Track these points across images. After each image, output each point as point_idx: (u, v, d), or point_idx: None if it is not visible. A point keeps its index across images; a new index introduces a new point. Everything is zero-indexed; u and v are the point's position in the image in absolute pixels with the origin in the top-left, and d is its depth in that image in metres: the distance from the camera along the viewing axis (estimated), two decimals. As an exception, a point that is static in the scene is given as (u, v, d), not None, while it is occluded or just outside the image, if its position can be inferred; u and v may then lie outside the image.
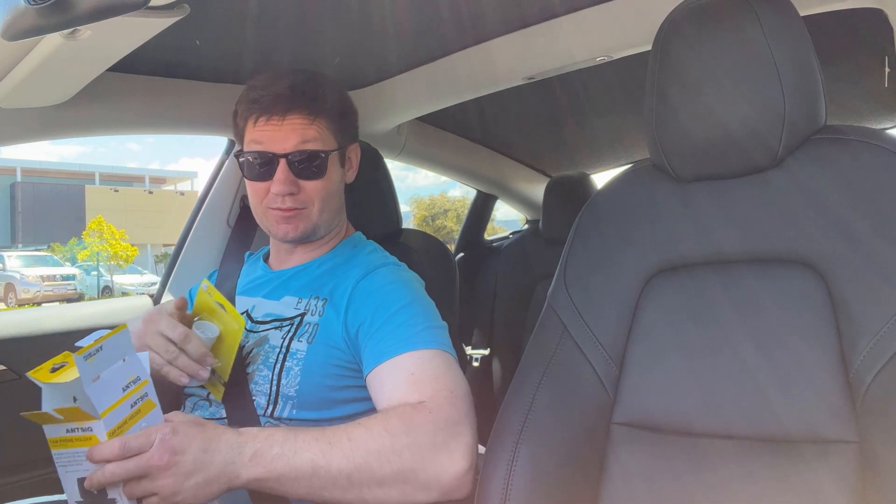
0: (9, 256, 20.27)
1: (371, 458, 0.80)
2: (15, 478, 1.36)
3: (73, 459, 0.76)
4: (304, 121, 1.04)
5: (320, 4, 1.16)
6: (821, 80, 0.82)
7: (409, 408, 0.85)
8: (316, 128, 1.05)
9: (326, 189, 1.07)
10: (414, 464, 0.81)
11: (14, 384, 1.35)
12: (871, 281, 0.74)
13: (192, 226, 1.70)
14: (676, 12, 0.87)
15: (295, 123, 1.04)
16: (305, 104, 1.04)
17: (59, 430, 0.75)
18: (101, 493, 0.75)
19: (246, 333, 1.07)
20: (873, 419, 0.71)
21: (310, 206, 1.07)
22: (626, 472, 0.85)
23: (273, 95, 1.03)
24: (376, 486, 0.81)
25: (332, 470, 0.79)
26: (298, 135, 1.04)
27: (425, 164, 2.25)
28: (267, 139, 1.04)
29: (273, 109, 1.03)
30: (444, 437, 0.83)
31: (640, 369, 0.87)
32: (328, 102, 1.08)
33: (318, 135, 1.05)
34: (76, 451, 0.75)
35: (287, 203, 1.05)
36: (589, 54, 1.33)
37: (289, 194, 1.04)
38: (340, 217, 1.16)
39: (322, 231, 1.11)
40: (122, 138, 71.87)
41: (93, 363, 0.75)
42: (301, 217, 1.07)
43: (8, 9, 0.65)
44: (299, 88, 1.05)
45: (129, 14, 0.67)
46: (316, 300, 1.05)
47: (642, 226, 0.91)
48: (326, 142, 1.07)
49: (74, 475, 0.76)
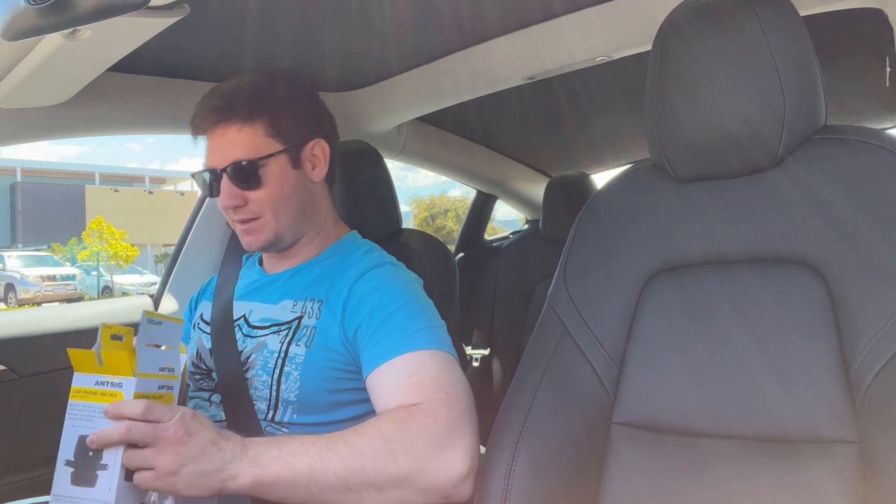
0: (9, 256, 20.26)
1: (367, 462, 0.80)
2: (15, 478, 1.36)
3: (86, 414, 0.77)
4: (236, 128, 1.02)
5: (320, 4, 1.16)
6: (821, 80, 0.82)
7: (405, 411, 0.85)
8: (248, 135, 1.02)
9: (273, 195, 1.04)
10: (410, 468, 0.81)
11: (14, 384, 1.35)
12: (871, 281, 0.74)
13: (192, 226, 1.69)
14: (676, 12, 0.87)
15: (225, 135, 1.03)
16: (236, 112, 1.02)
17: (89, 381, 0.78)
18: (95, 456, 0.76)
19: (244, 339, 1.06)
20: (873, 419, 0.71)
21: (262, 216, 1.05)
22: (626, 472, 0.85)
23: (208, 108, 1.03)
24: (374, 490, 0.80)
25: (329, 474, 0.79)
26: (230, 147, 1.02)
27: (425, 164, 2.25)
28: (208, 155, 1.05)
29: (205, 124, 1.04)
30: (441, 440, 0.83)
31: (640, 369, 0.87)
32: (267, 104, 1.04)
33: (250, 143, 1.02)
34: (94, 405, 0.77)
35: (239, 215, 1.05)
36: (589, 54, 1.33)
37: (235, 207, 1.03)
38: (314, 219, 1.12)
39: (288, 237, 1.09)
40: (122, 138, 71.89)
41: (151, 330, 0.81)
42: (258, 227, 1.05)
43: (8, 9, 0.65)
44: (234, 96, 1.03)
45: (129, 14, 0.67)
46: (312, 302, 1.04)
47: (642, 226, 0.91)
48: (262, 147, 1.02)
49: (79, 430, 0.77)
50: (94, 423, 0.76)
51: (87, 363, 0.79)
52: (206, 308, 1.17)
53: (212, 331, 1.10)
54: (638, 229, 0.92)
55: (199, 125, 1.05)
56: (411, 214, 28.31)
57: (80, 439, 0.76)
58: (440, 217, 27.61)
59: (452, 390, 0.88)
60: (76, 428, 0.77)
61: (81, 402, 0.78)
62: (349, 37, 1.33)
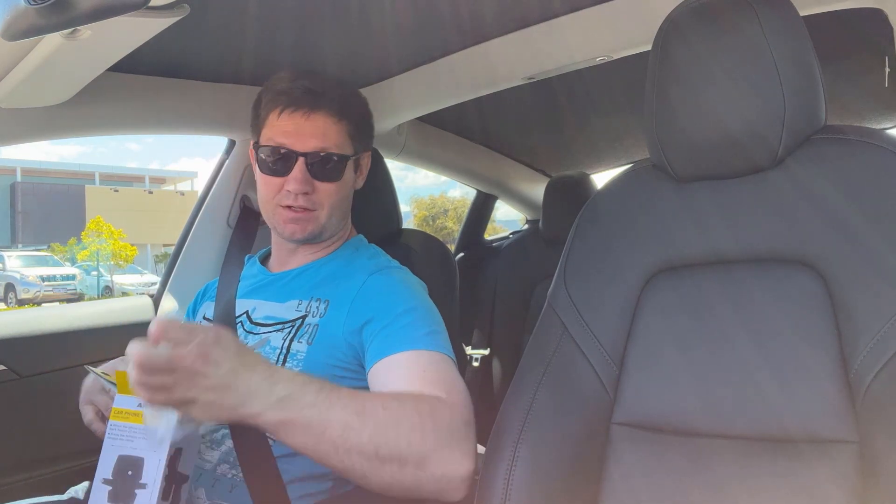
0: (9, 256, 20.25)
1: (401, 433, 0.78)
2: (15, 478, 1.36)
3: (128, 434, 0.79)
4: (330, 121, 1.05)
5: (320, 4, 1.16)
6: (821, 80, 0.82)
7: (434, 398, 0.85)
8: (339, 130, 1.06)
9: (339, 193, 1.08)
10: (435, 454, 0.80)
11: (14, 384, 1.36)
12: (871, 281, 0.74)
13: (192, 226, 1.70)
14: (676, 12, 0.87)
15: (320, 122, 1.04)
16: (333, 104, 1.05)
17: (132, 402, 0.80)
18: (134, 475, 0.77)
19: (245, 335, 1.07)
20: (873, 419, 0.71)
21: (320, 209, 1.06)
22: (626, 472, 0.85)
23: (303, 89, 1.03)
24: (398, 464, 0.78)
25: (364, 437, 0.76)
26: (321, 134, 1.04)
27: (425, 164, 2.25)
28: (290, 133, 1.03)
29: (301, 103, 1.03)
30: (458, 435, 0.83)
31: (639, 369, 0.87)
32: (353, 107, 1.09)
33: (339, 138, 1.06)
34: (136, 426, 0.79)
35: (300, 202, 1.05)
36: (589, 54, 1.33)
37: (303, 193, 1.04)
38: (347, 221, 1.17)
39: (328, 234, 1.11)
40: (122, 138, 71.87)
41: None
42: (310, 219, 1.07)
43: (8, 9, 0.66)
44: (328, 88, 1.05)
45: (129, 14, 0.68)
46: (318, 302, 1.04)
47: (642, 226, 0.91)
48: (345, 146, 1.08)
49: (119, 450, 0.78)
50: (135, 444, 0.78)
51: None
52: (208, 308, 1.17)
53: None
54: (638, 229, 0.92)
55: (290, 102, 1.03)
56: (411, 214, 28.31)
57: (120, 459, 0.78)
58: (440, 217, 27.61)
59: (464, 394, 0.89)
60: (116, 448, 0.79)
61: (123, 422, 0.79)
62: (349, 37, 1.33)
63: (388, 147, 1.91)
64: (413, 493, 0.81)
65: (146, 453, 0.79)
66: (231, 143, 1.68)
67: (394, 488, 0.80)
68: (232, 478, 0.95)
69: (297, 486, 0.95)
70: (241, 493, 0.93)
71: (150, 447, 0.78)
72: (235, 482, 0.95)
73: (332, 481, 0.97)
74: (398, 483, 0.79)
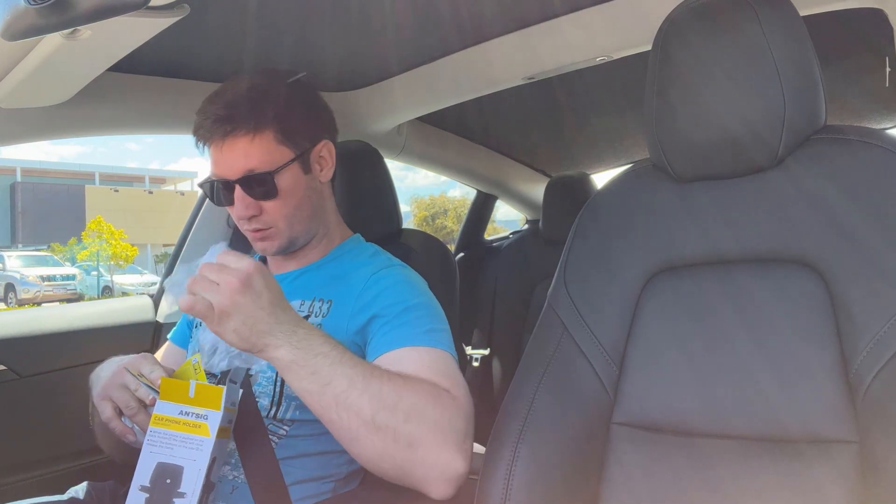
0: (9, 256, 20.25)
1: (402, 405, 0.79)
2: (15, 478, 1.36)
3: (167, 442, 0.80)
4: (245, 140, 0.99)
5: (320, 5, 1.16)
6: (821, 80, 0.82)
7: (440, 389, 0.85)
8: (259, 145, 0.99)
9: (288, 204, 1.03)
10: (431, 439, 0.79)
11: (14, 384, 1.36)
12: (871, 281, 0.74)
13: (192, 226, 1.70)
14: (676, 12, 0.87)
15: (238, 145, 0.99)
16: (244, 121, 0.99)
17: (173, 410, 0.81)
18: (172, 484, 0.78)
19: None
20: (873, 419, 0.71)
21: (276, 225, 1.04)
22: (626, 472, 0.85)
23: (213, 118, 0.99)
24: (392, 438, 0.78)
25: (365, 398, 0.79)
26: (243, 156, 0.99)
27: (425, 164, 2.25)
28: (219, 164, 1.01)
29: (213, 133, 0.99)
30: (457, 429, 0.82)
31: (639, 369, 0.87)
32: (273, 110, 1.00)
33: (262, 152, 0.99)
34: (176, 434, 0.80)
35: (253, 225, 1.03)
36: (589, 54, 1.33)
37: (250, 218, 1.02)
38: (322, 219, 1.11)
39: (302, 240, 1.09)
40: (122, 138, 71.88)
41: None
42: (272, 235, 1.05)
43: (8, 9, 0.66)
44: (238, 103, 1.00)
45: (129, 14, 0.68)
46: (321, 302, 1.04)
47: (642, 226, 0.91)
48: (274, 155, 1.00)
49: (158, 457, 0.79)
50: (175, 452, 0.78)
51: (177, 392, 0.81)
52: None
53: None
54: (638, 229, 0.92)
55: (206, 136, 1.01)
56: (411, 214, 28.32)
57: (159, 466, 0.78)
58: (440, 217, 27.61)
59: (466, 393, 0.88)
60: (155, 455, 0.79)
61: (163, 429, 0.80)
62: (349, 37, 1.33)
63: (388, 147, 1.91)
64: (398, 474, 0.81)
65: (186, 462, 0.79)
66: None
67: (382, 462, 0.80)
68: (233, 479, 0.95)
69: (299, 488, 0.94)
70: (242, 494, 0.93)
71: (189, 455, 0.78)
72: (237, 484, 0.95)
73: (333, 482, 0.97)
74: (388, 457, 0.79)
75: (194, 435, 0.79)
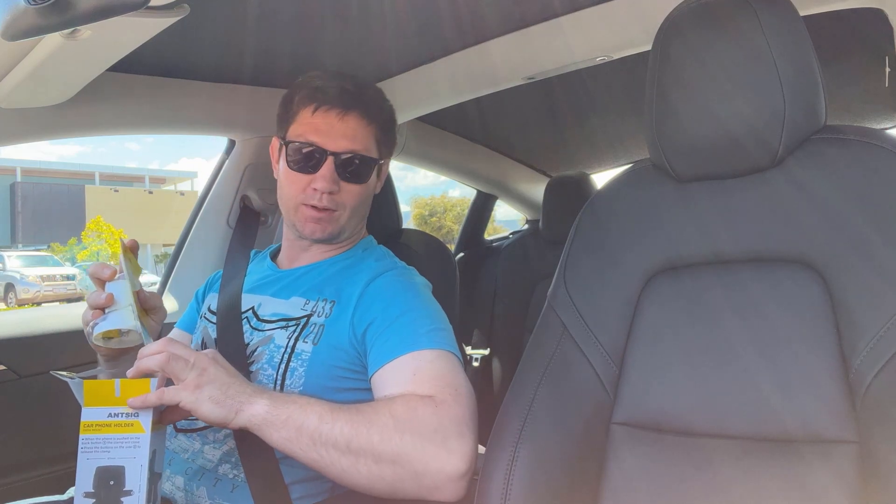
0: (9, 256, 20.23)
1: (373, 430, 0.81)
2: (15, 478, 1.36)
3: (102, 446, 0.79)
4: (361, 123, 1.06)
5: (320, 4, 1.16)
6: (821, 80, 0.82)
7: (417, 398, 0.85)
8: (369, 133, 1.07)
9: (362, 195, 1.10)
10: (412, 448, 0.81)
11: (14, 384, 1.36)
12: (871, 281, 0.74)
13: (192, 226, 1.70)
14: (676, 12, 0.87)
15: (352, 123, 1.05)
16: (366, 107, 1.06)
17: (101, 414, 0.79)
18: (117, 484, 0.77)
19: (251, 331, 1.07)
20: (873, 419, 0.71)
21: (342, 210, 1.08)
22: (626, 472, 0.85)
23: (339, 89, 1.04)
24: (372, 459, 0.81)
25: (336, 429, 0.81)
26: (353, 135, 1.05)
27: (425, 164, 2.25)
28: (322, 132, 1.04)
29: (336, 102, 1.04)
30: (446, 433, 0.83)
31: (639, 369, 0.87)
32: (384, 112, 1.10)
33: (368, 141, 1.07)
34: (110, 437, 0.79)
35: (324, 202, 1.05)
36: (589, 54, 1.33)
37: (328, 193, 1.05)
38: (363, 223, 1.18)
39: (345, 235, 1.12)
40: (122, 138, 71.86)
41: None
42: (331, 219, 1.08)
43: (8, 9, 0.66)
44: (363, 89, 1.07)
45: (129, 14, 0.68)
46: (324, 302, 1.04)
47: (642, 226, 0.91)
48: (372, 149, 1.09)
49: (95, 463, 0.78)
50: (112, 454, 0.78)
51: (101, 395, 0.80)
52: (213, 299, 1.17)
53: (218, 321, 1.10)
54: (638, 229, 0.92)
55: (324, 100, 1.05)
56: (411, 214, 28.33)
57: (99, 470, 0.78)
58: (437, 215, 27.60)
59: (461, 390, 0.88)
60: (91, 461, 0.78)
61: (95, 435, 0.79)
62: (349, 37, 1.33)
63: (388, 147, 1.91)
64: (397, 491, 0.82)
65: (126, 461, 0.79)
66: (231, 143, 1.68)
67: (375, 486, 0.82)
68: (233, 478, 0.95)
69: (298, 487, 0.95)
70: (242, 493, 0.93)
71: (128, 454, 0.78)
72: (237, 483, 0.95)
73: (331, 482, 0.98)
74: (378, 480, 0.81)
75: (129, 434, 0.79)
